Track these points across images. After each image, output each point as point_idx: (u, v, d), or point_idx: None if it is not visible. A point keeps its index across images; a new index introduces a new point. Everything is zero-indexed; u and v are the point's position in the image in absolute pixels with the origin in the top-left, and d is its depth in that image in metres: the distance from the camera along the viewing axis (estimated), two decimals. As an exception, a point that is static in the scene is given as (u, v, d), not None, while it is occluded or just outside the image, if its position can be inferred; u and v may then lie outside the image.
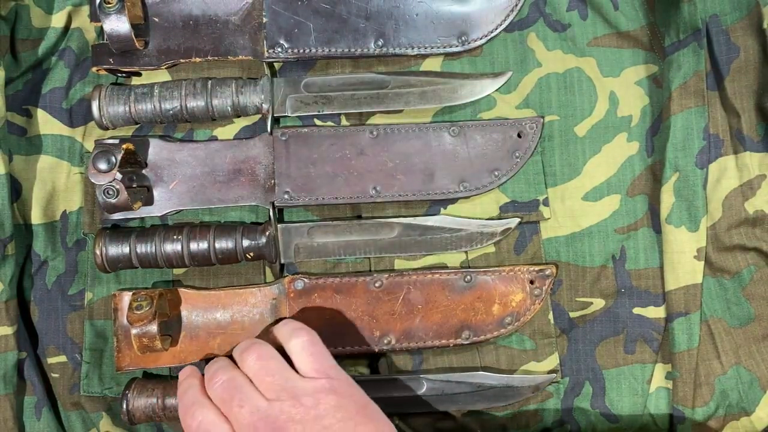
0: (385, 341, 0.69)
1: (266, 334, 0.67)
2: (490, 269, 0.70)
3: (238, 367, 0.61)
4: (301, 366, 0.60)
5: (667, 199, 0.69)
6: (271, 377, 0.59)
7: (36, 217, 0.71)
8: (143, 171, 0.70)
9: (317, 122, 0.72)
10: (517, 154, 0.71)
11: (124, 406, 0.66)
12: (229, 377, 0.59)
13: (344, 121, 0.72)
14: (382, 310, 0.70)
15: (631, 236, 0.71)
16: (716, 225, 0.69)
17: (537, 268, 0.70)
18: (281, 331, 0.63)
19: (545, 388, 0.70)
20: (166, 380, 0.69)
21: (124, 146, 0.66)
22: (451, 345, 0.69)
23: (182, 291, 0.70)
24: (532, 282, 0.70)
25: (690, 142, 0.68)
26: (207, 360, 0.70)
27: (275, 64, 0.72)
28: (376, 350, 0.69)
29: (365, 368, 0.72)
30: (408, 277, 0.70)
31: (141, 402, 0.67)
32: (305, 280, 0.70)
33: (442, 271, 0.70)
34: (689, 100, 0.68)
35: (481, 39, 0.71)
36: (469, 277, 0.70)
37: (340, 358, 0.71)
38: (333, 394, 0.57)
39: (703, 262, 0.68)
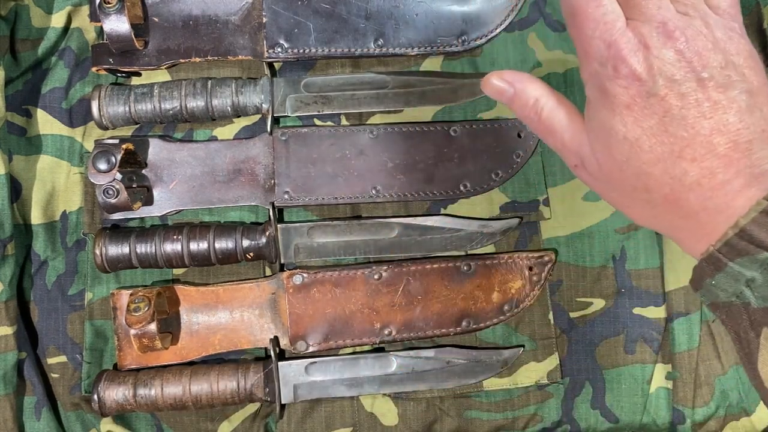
0: (386, 332, 0.69)
1: None
2: (489, 257, 0.70)
3: None
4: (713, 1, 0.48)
5: (668, 199, 0.68)
6: None
7: (36, 217, 0.71)
8: (143, 171, 0.70)
9: (317, 122, 0.72)
10: (517, 154, 0.71)
11: (95, 396, 0.66)
12: None
13: (344, 121, 0.72)
14: (382, 302, 0.70)
15: (631, 236, 0.71)
16: (716, 225, 0.69)
17: (536, 254, 0.70)
18: None
19: (546, 389, 0.70)
20: (136, 371, 0.69)
21: (124, 146, 0.66)
22: (452, 334, 0.69)
23: (180, 288, 0.70)
24: (530, 269, 0.70)
25: (690, 142, 0.67)
26: (209, 357, 0.70)
27: (275, 64, 0.72)
28: (377, 341, 0.70)
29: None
30: (407, 267, 0.70)
31: (112, 392, 0.67)
32: (303, 275, 0.70)
33: (441, 260, 0.70)
34: (690, 99, 0.67)
35: (481, 39, 0.71)
36: (467, 265, 0.70)
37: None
38: (744, 40, 0.47)
39: (703, 262, 0.68)
